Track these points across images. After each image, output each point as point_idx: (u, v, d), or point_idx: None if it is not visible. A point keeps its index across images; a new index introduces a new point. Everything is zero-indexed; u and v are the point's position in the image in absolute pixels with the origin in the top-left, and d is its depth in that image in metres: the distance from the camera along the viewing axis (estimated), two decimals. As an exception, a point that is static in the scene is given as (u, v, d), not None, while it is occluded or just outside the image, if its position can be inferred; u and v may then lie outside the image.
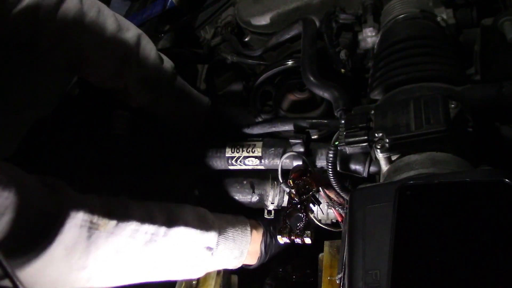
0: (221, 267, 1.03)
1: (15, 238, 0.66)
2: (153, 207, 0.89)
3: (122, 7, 1.88)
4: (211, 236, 0.94)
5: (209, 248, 0.94)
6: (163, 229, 0.86)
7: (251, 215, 1.10)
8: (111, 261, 0.80)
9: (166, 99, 1.16)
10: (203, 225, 0.94)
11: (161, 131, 1.23)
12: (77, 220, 0.73)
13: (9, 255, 0.66)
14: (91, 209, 0.76)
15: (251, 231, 1.04)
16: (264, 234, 1.07)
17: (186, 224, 0.90)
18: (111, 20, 1.04)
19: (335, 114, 0.99)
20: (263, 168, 1.12)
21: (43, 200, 0.71)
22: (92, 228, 0.75)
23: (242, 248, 1.02)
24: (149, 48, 1.11)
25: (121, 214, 0.81)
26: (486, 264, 0.54)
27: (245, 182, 1.12)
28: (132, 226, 0.81)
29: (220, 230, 0.97)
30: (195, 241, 0.92)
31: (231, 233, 1.00)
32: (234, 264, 1.04)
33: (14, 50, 1.00)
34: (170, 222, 0.88)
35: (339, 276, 0.73)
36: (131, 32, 1.07)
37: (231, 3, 1.50)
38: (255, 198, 1.11)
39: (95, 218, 0.76)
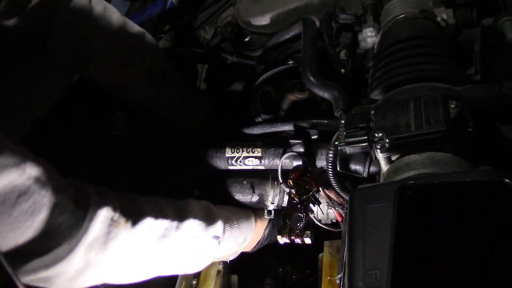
0: (225, 254, 1.05)
1: (46, 237, 0.67)
2: (161, 202, 0.90)
3: (122, 7, 1.88)
4: (217, 225, 0.96)
5: (216, 237, 0.96)
6: (175, 223, 0.88)
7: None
8: (125, 258, 0.81)
9: (168, 94, 1.18)
10: (209, 216, 0.96)
11: (161, 132, 1.23)
12: (100, 218, 0.74)
13: (36, 255, 0.67)
14: (114, 207, 0.77)
15: (255, 219, 1.07)
16: (268, 222, 1.10)
17: (195, 216, 0.92)
18: (116, 14, 1.08)
19: (335, 114, 0.99)
20: (263, 168, 1.12)
21: (72, 200, 0.71)
22: (111, 225, 0.76)
23: (246, 235, 1.04)
24: (153, 41, 1.16)
25: (136, 210, 0.82)
26: (486, 264, 0.54)
27: (245, 182, 1.12)
28: (147, 222, 0.82)
29: (225, 218, 1.00)
30: (204, 232, 0.93)
31: (235, 221, 1.02)
32: (235, 250, 1.06)
33: (22, 47, 1.00)
34: (180, 215, 0.90)
35: (339, 276, 0.73)
36: (135, 27, 1.12)
37: (231, 3, 1.49)
38: (255, 198, 1.11)
39: (116, 216, 0.77)
